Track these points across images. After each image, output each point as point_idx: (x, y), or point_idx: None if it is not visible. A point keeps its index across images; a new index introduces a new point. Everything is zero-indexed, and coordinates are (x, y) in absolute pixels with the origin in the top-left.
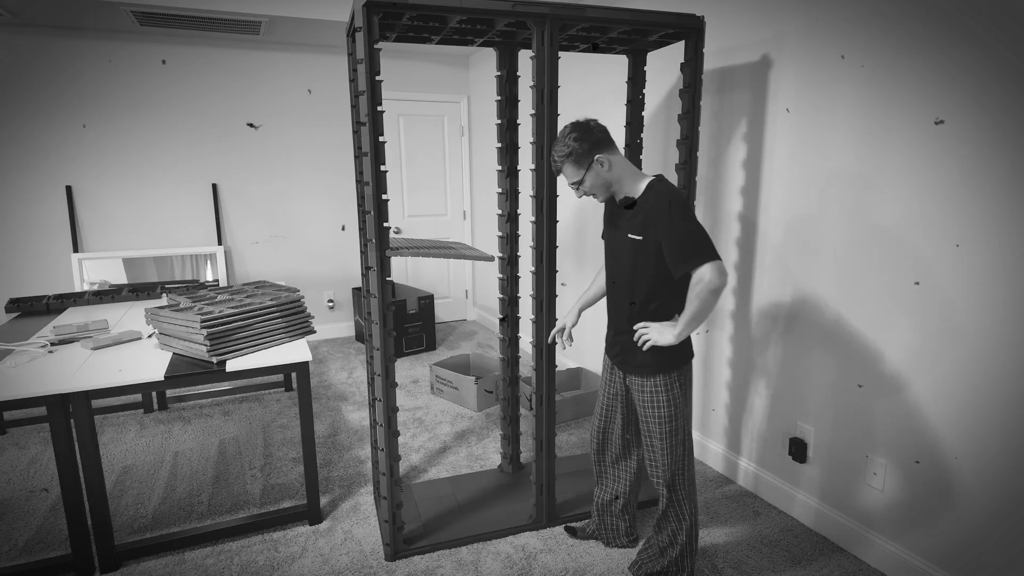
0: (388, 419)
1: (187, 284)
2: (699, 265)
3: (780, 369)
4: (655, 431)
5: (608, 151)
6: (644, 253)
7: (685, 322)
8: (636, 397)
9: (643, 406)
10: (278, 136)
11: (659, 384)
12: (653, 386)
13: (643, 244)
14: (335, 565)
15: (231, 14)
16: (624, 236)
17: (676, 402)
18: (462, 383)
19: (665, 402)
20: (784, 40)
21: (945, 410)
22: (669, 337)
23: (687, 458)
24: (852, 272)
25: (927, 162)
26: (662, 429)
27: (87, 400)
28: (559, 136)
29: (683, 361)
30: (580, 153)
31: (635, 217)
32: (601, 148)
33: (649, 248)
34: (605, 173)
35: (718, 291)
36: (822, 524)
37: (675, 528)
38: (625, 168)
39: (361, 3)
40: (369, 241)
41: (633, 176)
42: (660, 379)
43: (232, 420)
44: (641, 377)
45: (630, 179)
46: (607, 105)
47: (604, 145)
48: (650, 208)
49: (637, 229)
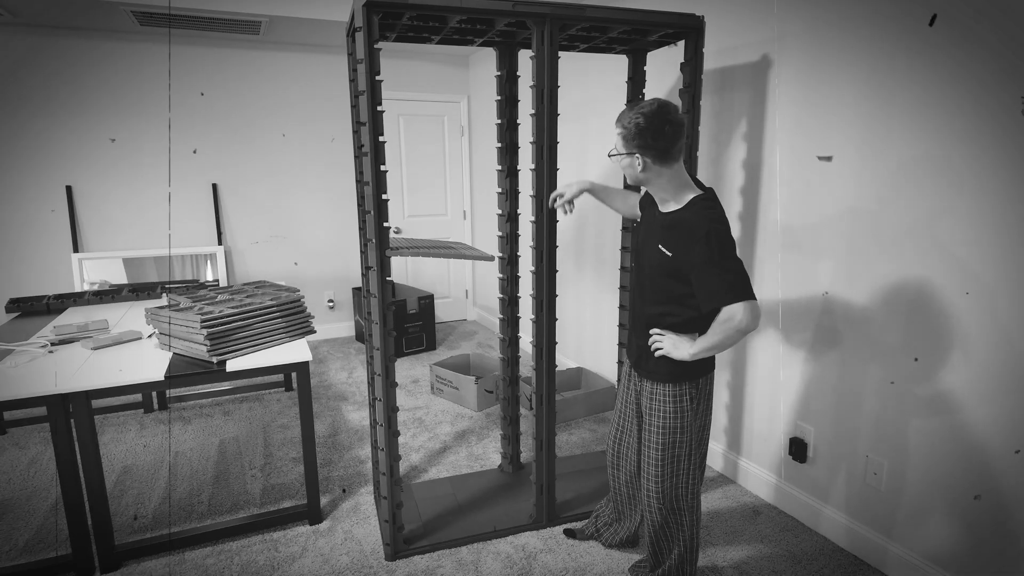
0: (388, 419)
1: (187, 284)
2: (731, 303)
3: (780, 368)
4: (653, 440)
5: (653, 158)
6: (669, 272)
7: (703, 348)
8: (644, 403)
9: (648, 411)
10: (278, 136)
11: (668, 393)
12: (662, 394)
13: (670, 262)
14: (335, 565)
15: (231, 14)
16: (654, 242)
17: (682, 415)
18: (462, 383)
19: (671, 413)
20: (784, 40)
21: (946, 409)
22: (684, 353)
23: (692, 474)
24: (853, 271)
25: (929, 162)
26: (662, 440)
27: (87, 400)
28: (639, 106)
29: (699, 373)
30: (628, 138)
31: (670, 230)
32: (648, 153)
33: (675, 268)
34: (638, 171)
35: (745, 332)
36: (823, 524)
37: (673, 539)
38: (668, 179)
39: (361, 3)
40: (369, 241)
41: (676, 188)
42: (670, 388)
43: (232, 420)
44: (652, 383)
45: (670, 189)
46: (607, 105)
47: (653, 152)
48: (688, 229)
49: (669, 244)
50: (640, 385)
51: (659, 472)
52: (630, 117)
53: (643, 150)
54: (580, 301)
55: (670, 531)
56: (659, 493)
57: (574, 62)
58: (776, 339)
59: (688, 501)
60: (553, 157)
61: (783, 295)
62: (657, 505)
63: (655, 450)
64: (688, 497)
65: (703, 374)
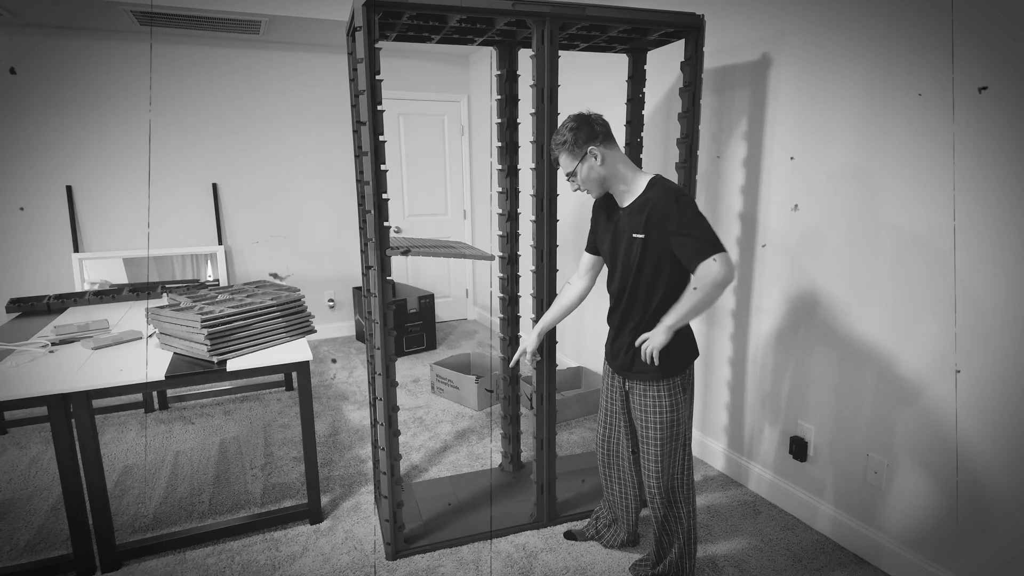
0: (389, 418)
1: (187, 284)
2: (709, 256)
3: (781, 367)
4: (654, 437)
5: (604, 145)
6: (648, 250)
7: (681, 314)
8: (636, 402)
9: (643, 411)
10: (278, 135)
11: (662, 389)
12: (656, 391)
13: (646, 241)
14: (336, 564)
15: (231, 14)
16: (626, 237)
17: (678, 407)
18: (463, 382)
19: (668, 407)
20: (784, 38)
21: (947, 409)
22: (662, 336)
23: (687, 462)
24: (853, 270)
25: (928, 160)
26: (662, 435)
27: (88, 400)
28: (560, 125)
29: (686, 364)
30: (574, 143)
31: (636, 215)
32: (596, 141)
33: (653, 245)
34: (598, 167)
35: (723, 284)
36: (823, 523)
37: (673, 534)
38: (622, 165)
39: (361, 2)
40: (369, 240)
41: (631, 173)
42: (664, 384)
43: (233, 420)
44: (643, 383)
45: (627, 176)
46: (607, 104)
47: (600, 139)
48: (654, 206)
49: (640, 227)
50: (630, 386)
51: (659, 468)
52: (561, 132)
53: (591, 140)
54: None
55: (670, 525)
56: (659, 488)
57: (574, 61)
58: (776, 337)
59: (684, 493)
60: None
61: (784, 293)
62: (660, 500)
63: (654, 447)
64: (684, 489)
65: (688, 364)
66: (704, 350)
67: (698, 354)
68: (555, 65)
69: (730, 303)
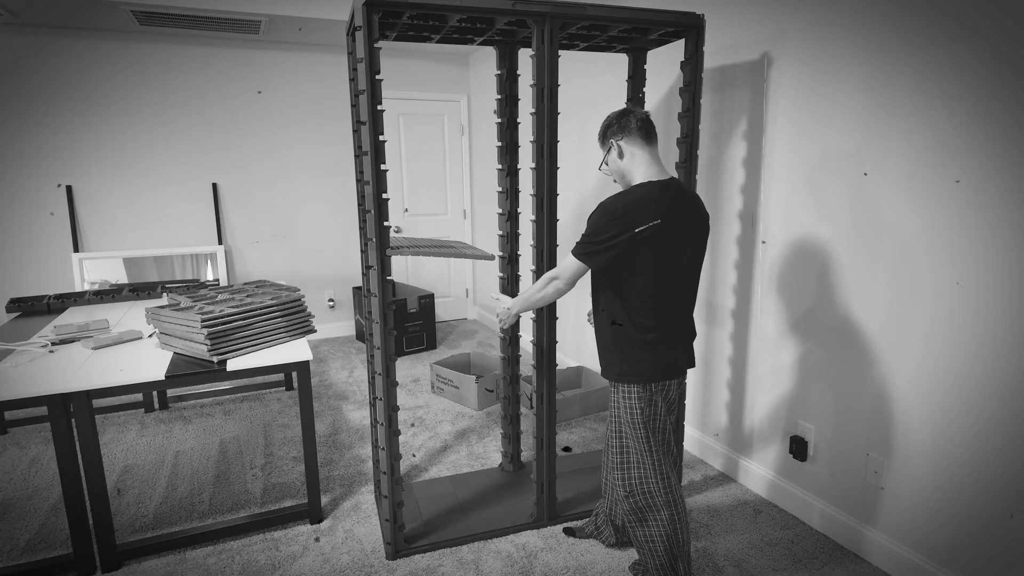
0: (389, 418)
1: (187, 284)
2: (569, 254)
3: (780, 367)
4: (610, 434)
5: (628, 141)
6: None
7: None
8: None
9: (609, 408)
10: (279, 135)
11: (619, 392)
12: (615, 393)
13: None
14: (336, 564)
15: (231, 14)
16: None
17: (633, 413)
18: (463, 382)
19: (624, 411)
20: (784, 38)
21: (947, 408)
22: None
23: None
24: (853, 269)
25: (928, 158)
26: (614, 435)
27: (88, 400)
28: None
29: (641, 377)
30: (604, 133)
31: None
32: (621, 135)
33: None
34: (616, 160)
35: (553, 284)
36: (823, 522)
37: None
38: (638, 165)
39: (361, 2)
40: (369, 240)
41: (638, 176)
42: (621, 388)
43: (233, 419)
44: (608, 381)
45: (633, 178)
46: (607, 103)
47: (627, 134)
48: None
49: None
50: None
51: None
52: (602, 124)
53: (617, 134)
54: (580, 300)
55: (647, 527)
56: (623, 483)
57: (574, 60)
58: (776, 337)
59: (663, 496)
60: (553, 156)
61: (783, 293)
62: (623, 493)
63: (609, 444)
64: (661, 492)
65: (649, 378)
66: (704, 350)
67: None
68: (555, 65)
69: (730, 303)
